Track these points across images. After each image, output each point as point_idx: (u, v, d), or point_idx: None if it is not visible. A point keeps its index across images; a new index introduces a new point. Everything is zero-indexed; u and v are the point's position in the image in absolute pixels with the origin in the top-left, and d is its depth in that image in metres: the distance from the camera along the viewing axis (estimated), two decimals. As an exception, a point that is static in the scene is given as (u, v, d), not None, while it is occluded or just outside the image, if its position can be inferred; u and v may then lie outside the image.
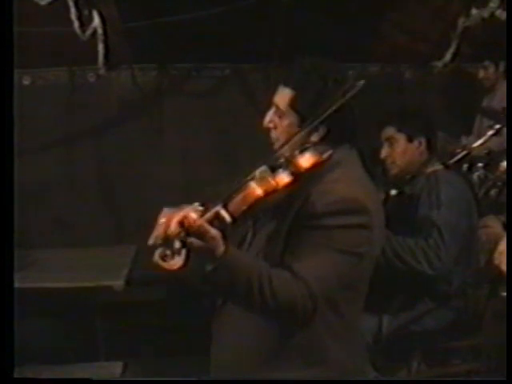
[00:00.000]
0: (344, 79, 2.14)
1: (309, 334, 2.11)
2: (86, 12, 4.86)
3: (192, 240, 1.92)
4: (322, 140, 2.14)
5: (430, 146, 3.52)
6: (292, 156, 2.05)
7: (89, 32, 4.96)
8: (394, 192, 3.39)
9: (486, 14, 4.92)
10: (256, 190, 1.95)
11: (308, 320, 2.04)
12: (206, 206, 1.98)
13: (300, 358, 2.13)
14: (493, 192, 4.46)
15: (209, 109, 5.89)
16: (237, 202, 1.95)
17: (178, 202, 2.05)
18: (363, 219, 2.07)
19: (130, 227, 5.81)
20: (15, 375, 2.36)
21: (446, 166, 3.58)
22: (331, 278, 2.05)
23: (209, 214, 1.94)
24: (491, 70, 5.27)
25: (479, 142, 4.40)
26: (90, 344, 4.31)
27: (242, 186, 1.97)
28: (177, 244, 1.95)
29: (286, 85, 2.18)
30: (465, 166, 4.57)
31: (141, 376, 4.24)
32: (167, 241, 1.95)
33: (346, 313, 2.15)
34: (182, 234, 1.92)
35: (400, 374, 3.41)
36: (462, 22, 5.21)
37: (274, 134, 2.21)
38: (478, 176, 4.53)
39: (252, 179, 1.98)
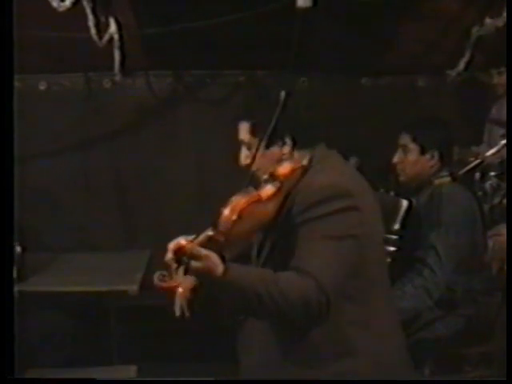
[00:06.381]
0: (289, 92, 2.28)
1: (328, 328, 2.13)
2: (102, 19, 4.88)
3: (190, 262, 1.97)
4: (294, 149, 2.29)
5: (443, 160, 3.53)
6: (273, 170, 2.21)
7: (105, 38, 4.98)
8: (404, 205, 3.36)
9: (499, 23, 4.91)
10: (239, 200, 2.07)
11: (325, 313, 2.06)
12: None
13: (326, 351, 2.16)
14: (505, 201, 4.47)
15: (223, 115, 5.90)
16: (224, 218, 2.03)
17: (191, 208, 2.10)
18: (347, 202, 2.13)
19: (144, 232, 5.85)
20: (26, 376, 2.39)
21: (454, 179, 3.57)
22: (334, 265, 2.09)
23: (200, 238, 2.00)
24: (505, 76, 5.26)
25: (492, 150, 4.40)
26: (104, 348, 4.34)
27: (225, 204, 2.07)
28: (173, 265, 2.01)
29: (243, 119, 2.43)
30: (477, 175, 4.58)
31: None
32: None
33: (364, 301, 2.18)
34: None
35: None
36: (475, 31, 5.20)
37: (253, 167, 2.33)
38: (491, 185, 4.53)
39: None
